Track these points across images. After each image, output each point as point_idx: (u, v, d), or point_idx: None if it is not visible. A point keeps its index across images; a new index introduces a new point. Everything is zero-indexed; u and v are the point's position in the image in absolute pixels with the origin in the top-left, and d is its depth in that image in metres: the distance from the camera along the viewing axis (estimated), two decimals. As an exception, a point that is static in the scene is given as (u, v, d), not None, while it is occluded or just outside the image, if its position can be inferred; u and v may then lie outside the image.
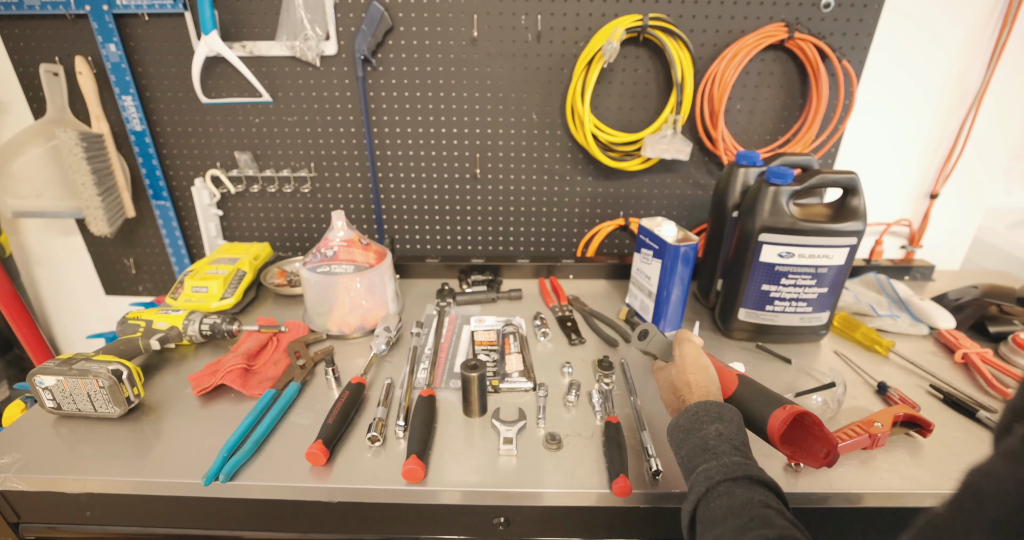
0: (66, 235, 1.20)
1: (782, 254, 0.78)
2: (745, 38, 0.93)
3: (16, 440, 0.65)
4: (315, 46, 0.96)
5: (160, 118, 1.05)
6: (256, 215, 1.15)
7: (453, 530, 0.63)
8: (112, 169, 1.05)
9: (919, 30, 0.96)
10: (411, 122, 1.05)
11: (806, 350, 0.85)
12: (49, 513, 0.64)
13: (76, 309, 1.31)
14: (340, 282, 0.84)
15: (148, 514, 0.63)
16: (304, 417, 0.69)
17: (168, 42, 0.98)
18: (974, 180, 1.09)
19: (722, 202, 0.90)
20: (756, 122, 1.03)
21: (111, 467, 0.61)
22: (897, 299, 0.95)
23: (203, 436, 0.65)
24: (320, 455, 0.60)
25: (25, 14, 0.94)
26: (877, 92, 1.01)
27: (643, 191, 1.10)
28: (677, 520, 0.47)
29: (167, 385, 0.76)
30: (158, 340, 0.78)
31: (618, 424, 0.65)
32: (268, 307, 1.00)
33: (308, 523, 0.64)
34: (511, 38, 0.97)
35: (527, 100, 1.02)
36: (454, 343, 0.86)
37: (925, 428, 0.65)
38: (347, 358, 0.82)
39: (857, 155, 1.07)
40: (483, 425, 0.68)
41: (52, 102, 1.01)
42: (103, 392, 0.65)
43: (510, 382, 0.75)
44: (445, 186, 1.11)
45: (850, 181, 0.76)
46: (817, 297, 0.81)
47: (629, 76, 0.99)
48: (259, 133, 1.07)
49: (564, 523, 0.62)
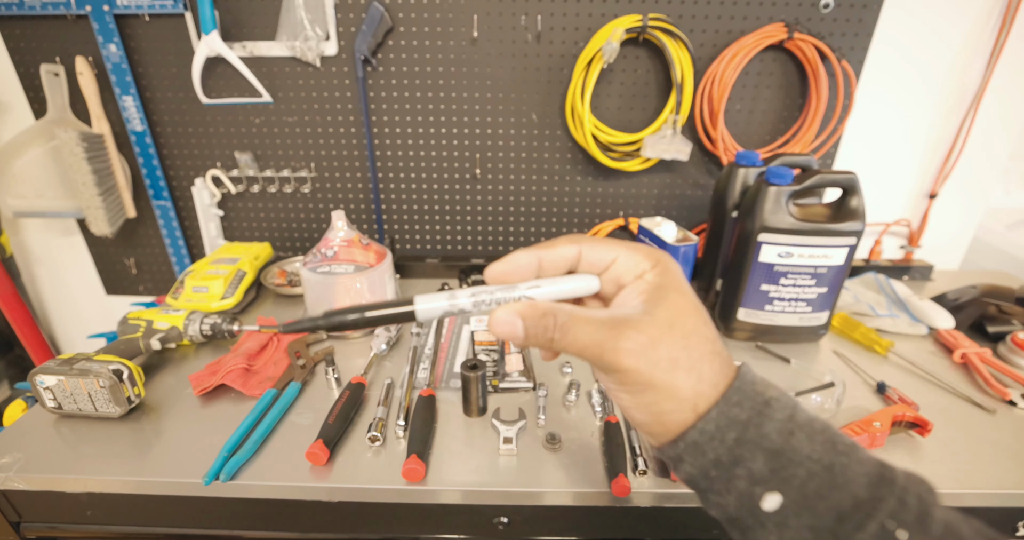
0: (67, 235, 1.20)
1: (781, 254, 0.78)
2: (745, 38, 0.93)
3: (17, 440, 0.65)
4: (315, 46, 0.96)
5: (161, 118, 1.06)
6: (256, 215, 1.15)
7: (453, 529, 0.64)
8: (113, 169, 1.05)
9: (918, 30, 0.97)
10: (411, 122, 1.05)
11: (805, 350, 0.85)
12: (50, 512, 0.64)
13: (77, 309, 1.32)
14: (340, 282, 0.84)
15: (148, 513, 0.63)
16: (304, 417, 0.69)
17: (169, 42, 0.98)
18: (973, 180, 1.09)
19: (722, 202, 0.90)
20: (756, 122, 1.04)
21: (112, 466, 0.61)
22: (896, 299, 0.95)
23: (204, 436, 0.65)
24: (321, 454, 0.60)
25: (26, 15, 0.95)
26: (876, 92, 1.01)
27: (643, 191, 1.11)
28: (676, 519, 0.48)
29: (168, 385, 0.76)
30: (159, 340, 0.78)
31: (617, 424, 0.65)
32: (269, 307, 1.00)
33: (308, 522, 0.64)
34: (511, 38, 0.97)
35: (527, 100, 1.02)
36: (454, 343, 0.86)
37: (924, 428, 0.65)
38: (347, 358, 0.83)
39: (856, 155, 1.07)
40: (483, 425, 0.68)
41: (53, 102, 1.01)
42: (104, 392, 0.65)
43: (510, 382, 0.75)
44: (445, 186, 1.11)
45: (849, 181, 0.76)
46: (816, 297, 0.81)
47: (629, 76, 1.00)
48: (259, 133, 1.07)
49: (564, 522, 0.62)
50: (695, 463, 0.28)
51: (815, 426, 0.27)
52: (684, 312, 0.29)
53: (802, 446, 0.26)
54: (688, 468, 0.29)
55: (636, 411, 0.30)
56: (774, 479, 0.26)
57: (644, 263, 0.31)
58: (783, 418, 0.27)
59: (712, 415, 0.27)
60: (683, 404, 0.28)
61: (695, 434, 0.28)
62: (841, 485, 0.25)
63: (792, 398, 0.29)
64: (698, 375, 0.28)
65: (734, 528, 0.28)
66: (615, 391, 0.30)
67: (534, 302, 0.30)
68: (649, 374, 0.28)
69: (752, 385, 0.28)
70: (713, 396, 0.28)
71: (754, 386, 0.28)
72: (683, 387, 0.28)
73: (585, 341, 0.29)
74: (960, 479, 0.60)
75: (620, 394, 0.30)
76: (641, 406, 0.29)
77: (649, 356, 0.27)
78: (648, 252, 0.31)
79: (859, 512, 0.24)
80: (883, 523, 0.24)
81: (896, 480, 0.25)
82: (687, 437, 0.28)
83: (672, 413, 0.28)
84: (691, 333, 0.29)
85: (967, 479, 0.60)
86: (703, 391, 0.28)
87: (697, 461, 0.28)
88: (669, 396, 0.28)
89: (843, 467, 0.25)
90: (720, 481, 0.27)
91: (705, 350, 0.29)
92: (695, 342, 0.28)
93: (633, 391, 0.29)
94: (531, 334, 0.29)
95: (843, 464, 0.26)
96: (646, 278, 0.30)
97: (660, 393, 0.28)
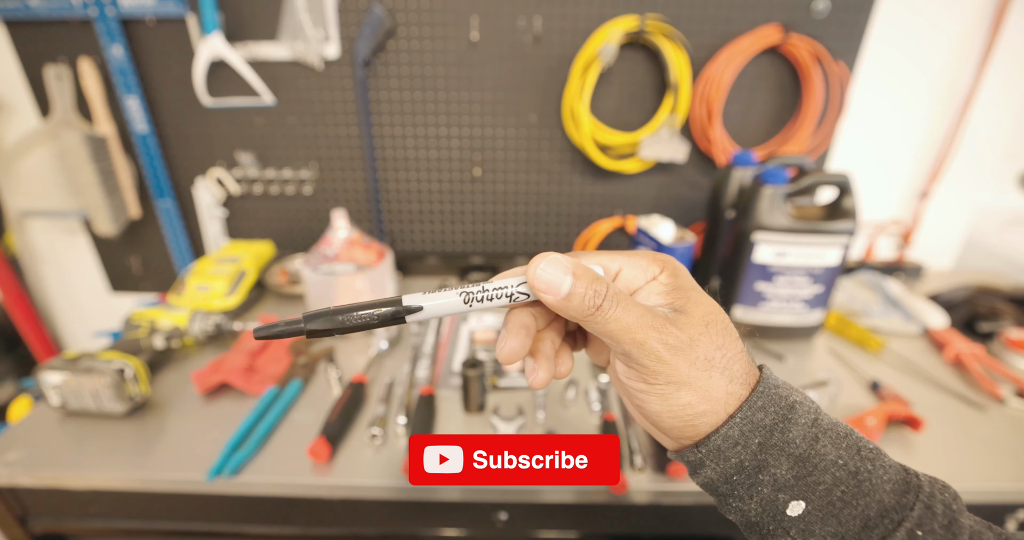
0: (71, 235, 1.21)
1: (776, 253, 0.79)
2: (741, 40, 0.94)
3: (23, 436, 0.67)
4: (317, 49, 0.97)
5: (164, 119, 1.07)
6: (258, 215, 1.16)
7: (453, 525, 0.65)
8: (116, 170, 1.06)
9: (911, 32, 0.98)
10: (411, 123, 1.06)
11: (800, 348, 0.86)
12: (55, 508, 0.65)
13: (82, 307, 1.33)
14: (341, 281, 0.85)
15: (152, 509, 0.65)
16: (306, 415, 0.70)
17: (172, 45, 0.99)
18: (965, 180, 1.11)
19: (718, 202, 0.91)
20: (751, 123, 1.05)
21: (116, 463, 0.63)
22: (889, 298, 0.96)
23: (206, 433, 0.66)
24: (323, 451, 0.61)
25: (32, 18, 0.96)
26: (870, 93, 1.02)
27: (640, 191, 1.12)
28: (673, 515, 0.48)
29: (171, 383, 0.77)
30: (162, 338, 0.79)
31: (614, 421, 0.66)
32: (270, 306, 1.01)
33: (310, 518, 0.65)
34: (510, 40, 0.98)
35: (526, 101, 1.03)
36: (453, 341, 0.87)
37: (916, 425, 0.66)
38: (348, 356, 0.84)
39: (850, 156, 1.08)
40: (482, 422, 0.69)
41: (58, 104, 1.02)
42: (108, 390, 0.66)
43: (509, 380, 0.76)
44: (445, 186, 1.12)
45: (843, 181, 0.78)
46: (811, 296, 0.82)
47: (627, 78, 1.01)
48: (261, 134, 1.08)
49: (562, 518, 0.63)
50: (717, 468, 0.27)
51: (839, 430, 0.27)
52: (713, 310, 0.28)
53: (827, 452, 0.26)
54: (709, 473, 0.28)
55: (667, 416, 0.28)
56: (799, 485, 0.25)
57: (652, 267, 0.30)
58: (807, 423, 0.27)
59: (736, 420, 0.27)
60: (716, 405, 0.27)
61: (719, 439, 0.27)
62: (867, 492, 0.25)
63: (814, 401, 0.28)
64: (730, 375, 0.27)
65: (753, 533, 0.28)
66: (643, 395, 0.28)
67: (585, 265, 0.27)
68: (687, 372, 0.26)
69: (775, 389, 0.28)
70: (743, 395, 0.27)
71: (777, 390, 0.28)
72: (717, 387, 0.27)
73: (632, 320, 0.26)
74: (952, 475, 0.60)
75: (648, 398, 0.28)
76: (674, 410, 0.27)
77: (688, 354, 0.26)
78: (652, 257, 0.30)
79: (886, 519, 0.24)
80: (910, 531, 0.23)
81: (922, 487, 0.25)
82: (710, 442, 0.27)
83: (706, 415, 0.27)
84: (724, 332, 0.28)
85: (959, 475, 0.61)
86: (734, 391, 0.27)
87: (719, 466, 0.27)
88: (704, 397, 0.27)
89: (868, 473, 0.25)
90: (742, 487, 0.27)
91: (736, 349, 0.28)
92: (729, 341, 0.28)
93: (665, 393, 0.27)
94: (576, 295, 0.26)
95: (868, 470, 0.25)
96: (660, 280, 0.29)
97: (695, 394, 0.27)
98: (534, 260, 0.27)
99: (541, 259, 0.27)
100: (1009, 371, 0.77)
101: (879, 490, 0.25)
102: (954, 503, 0.25)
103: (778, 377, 0.29)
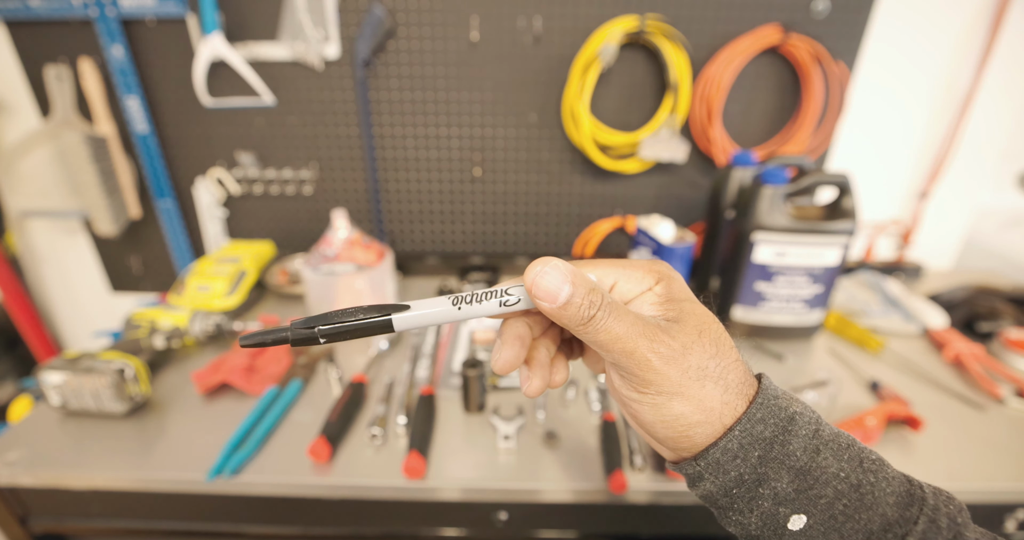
0: (72, 235, 1.21)
1: (776, 253, 0.80)
2: (741, 40, 0.94)
3: (24, 436, 0.67)
4: (317, 49, 0.97)
5: (164, 119, 1.07)
6: (259, 215, 1.16)
7: (453, 525, 0.65)
8: (117, 170, 1.06)
9: (911, 32, 0.98)
10: (411, 123, 1.06)
11: (800, 348, 0.86)
12: (56, 507, 0.66)
13: (82, 307, 1.33)
14: (341, 281, 0.85)
15: (152, 508, 0.65)
16: (306, 414, 0.70)
17: (172, 45, 0.99)
18: (965, 180, 1.11)
19: (718, 202, 0.91)
20: (751, 123, 1.05)
21: (116, 463, 0.63)
22: (889, 298, 0.96)
23: (207, 433, 0.66)
24: (323, 451, 0.61)
25: (33, 18, 0.96)
26: (870, 93, 1.03)
27: (640, 191, 1.12)
28: (672, 515, 0.48)
29: (171, 383, 0.77)
30: (163, 338, 0.79)
31: (614, 422, 0.66)
32: (271, 306, 1.01)
33: (310, 518, 0.65)
34: (510, 41, 0.98)
35: (526, 101, 1.03)
36: (453, 341, 0.87)
37: (916, 425, 0.66)
38: (348, 357, 0.84)
39: (850, 156, 1.08)
40: (482, 422, 0.69)
41: (58, 104, 1.02)
42: (108, 389, 0.66)
43: (509, 380, 0.76)
44: (445, 186, 1.12)
45: (843, 181, 0.78)
46: (811, 296, 0.82)
47: (627, 78, 1.01)
48: (262, 134, 1.08)
49: (562, 518, 0.63)
50: (716, 481, 0.27)
51: (841, 442, 0.26)
52: (707, 320, 0.28)
53: (829, 464, 0.25)
54: (708, 486, 0.27)
55: (660, 427, 0.27)
56: (800, 499, 0.25)
57: (647, 278, 0.29)
58: (808, 434, 0.26)
59: (735, 432, 0.26)
60: (711, 415, 0.26)
61: (717, 452, 0.26)
62: (870, 505, 0.24)
63: (815, 412, 0.27)
64: (725, 385, 0.27)
65: None
66: (636, 405, 0.28)
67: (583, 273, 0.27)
68: (679, 382, 0.26)
69: (775, 400, 0.27)
70: (740, 406, 0.27)
71: (777, 401, 0.27)
72: (711, 397, 0.26)
73: (623, 330, 0.26)
74: (951, 475, 0.61)
75: (641, 408, 0.27)
76: (667, 420, 0.27)
77: (680, 363, 0.26)
78: (648, 267, 0.30)
79: (889, 533, 0.24)
80: None
81: (927, 499, 0.25)
82: (709, 455, 0.26)
83: (700, 426, 0.26)
84: (718, 340, 0.27)
85: (958, 475, 0.61)
86: (730, 401, 0.27)
87: (719, 479, 0.27)
88: (698, 407, 0.26)
89: (871, 486, 0.25)
90: (742, 500, 0.26)
91: (732, 358, 0.27)
92: (723, 350, 0.27)
93: (657, 403, 0.27)
94: (574, 304, 0.26)
95: (871, 482, 0.25)
96: (655, 291, 0.29)
97: (688, 404, 0.26)
98: (533, 265, 0.27)
99: (542, 264, 0.27)
100: (1009, 371, 0.77)
101: (882, 503, 0.24)
102: (959, 516, 0.24)
103: (778, 386, 0.28)
